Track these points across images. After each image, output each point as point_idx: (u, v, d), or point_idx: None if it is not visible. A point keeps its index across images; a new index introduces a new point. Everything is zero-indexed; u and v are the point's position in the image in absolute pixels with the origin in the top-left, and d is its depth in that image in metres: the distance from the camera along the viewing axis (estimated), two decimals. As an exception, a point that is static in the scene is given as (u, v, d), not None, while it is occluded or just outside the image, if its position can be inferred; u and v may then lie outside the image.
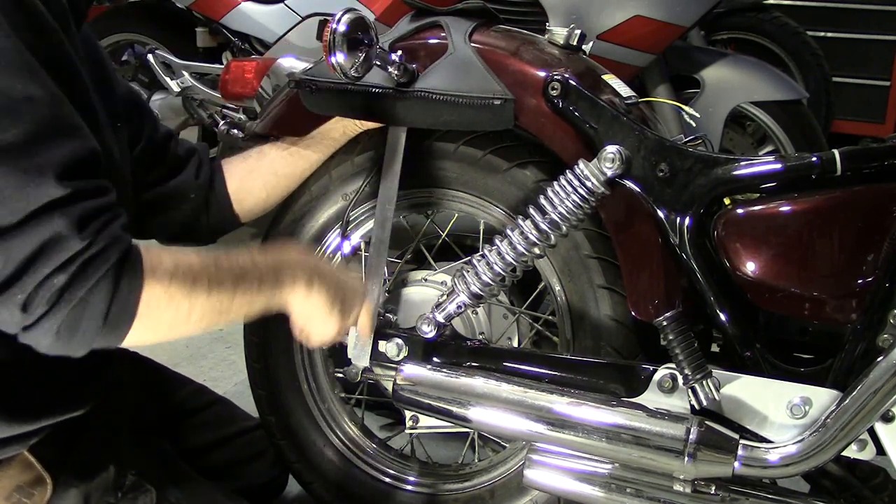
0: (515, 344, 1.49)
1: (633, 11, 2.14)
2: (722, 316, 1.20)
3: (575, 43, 1.34)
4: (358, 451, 1.56)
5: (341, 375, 1.55)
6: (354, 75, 1.22)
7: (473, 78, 1.28)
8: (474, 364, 1.35)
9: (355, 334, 1.39)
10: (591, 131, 1.24)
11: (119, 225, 0.98)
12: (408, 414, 1.42)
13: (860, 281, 1.13)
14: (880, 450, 1.12)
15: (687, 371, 1.18)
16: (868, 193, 1.14)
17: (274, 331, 1.54)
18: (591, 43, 1.58)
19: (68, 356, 0.98)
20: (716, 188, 1.19)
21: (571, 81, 1.25)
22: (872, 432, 1.11)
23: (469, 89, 1.28)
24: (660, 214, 1.21)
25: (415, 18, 1.41)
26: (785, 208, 1.16)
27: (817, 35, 3.60)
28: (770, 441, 1.16)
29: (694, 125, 1.71)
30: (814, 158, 1.15)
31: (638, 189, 1.22)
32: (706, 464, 1.13)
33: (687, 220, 1.20)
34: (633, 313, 1.26)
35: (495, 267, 1.28)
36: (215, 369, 2.31)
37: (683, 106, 1.58)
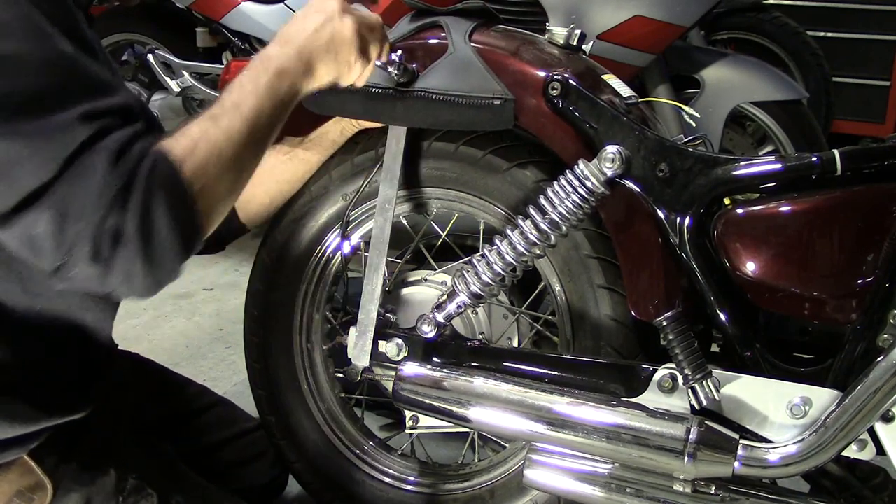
0: (515, 344, 1.49)
1: (633, 11, 2.14)
2: (722, 316, 1.20)
3: (575, 43, 1.34)
4: (358, 451, 1.57)
5: (341, 375, 1.55)
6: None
7: (473, 78, 1.29)
8: (474, 364, 1.35)
9: (355, 334, 1.39)
10: (591, 131, 1.24)
11: (142, 145, 0.96)
12: (408, 414, 1.42)
13: (860, 281, 1.13)
14: (880, 450, 1.12)
15: (687, 371, 1.18)
16: (868, 193, 1.14)
17: (274, 331, 1.55)
18: (591, 43, 1.58)
19: (154, 290, 0.96)
20: (716, 188, 1.19)
21: (571, 81, 1.25)
22: (872, 432, 1.11)
23: (469, 89, 1.28)
24: (660, 214, 1.21)
25: (415, 18, 1.41)
26: (785, 208, 1.16)
27: (817, 35, 3.60)
28: (770, 441, 1.16)
29: (694, 125, 1.71)
30: (814, 158, 1.15)
31: (638, 189, 1.22)
32: (706, 464, 1.13)
33: (687, 220, 1.20)
34: (633, 313, 1.26)
35: (495, 267, 1.28)
36: (215, 369, 2.31)
37: (683, 106, 1.58)
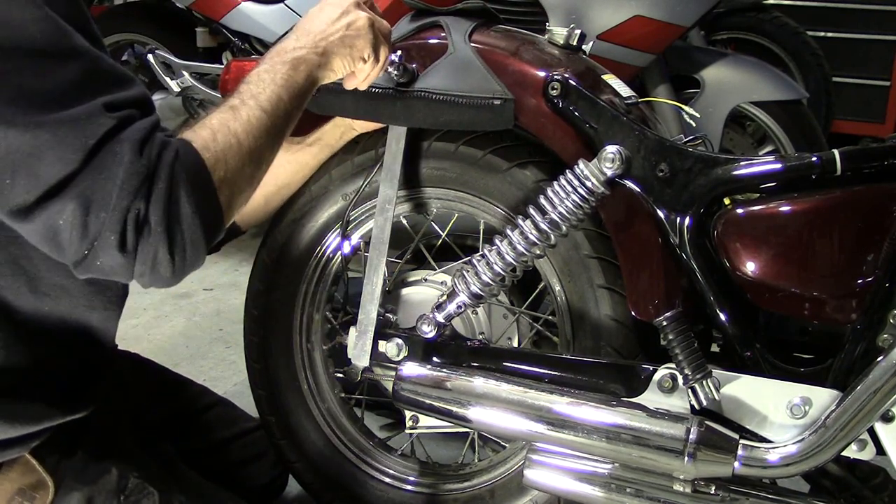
0: (515, 344, 1.49)
1: (633, 11, 2.14)
2: (722, 316, 1.20)
3: (575, 43, 1.34)
4: (358, 451, 1.57)
5: (341, 375, 1.55)
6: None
7: (473, 78, 1.29)
8: (474, 364, 1.35)
9: (355, 334, 1.39)
10: (591, 131, 1.24)
11: (163, 136, 0.98)
12: (408, 414, 1.42)
13: (860, 281, 1.13)
14: (880, 450, 1.12)
15: (687, 371, 1.18)
16: (868, 193, 1.14)
17: (274, 331, 1.55)
18: (591, 43, 1.58)
19: (179, 277, 0.98)
20: (716, 188, 1.19)
21: (571, 81, 1.25)
22: (872, 432, 1.11)
23: (469, 89, 1.28)
24: (660, 214, 1.21)
25: (415, 18, 1.41)
26: (785, 208, 1.16)
27: (817, 35, 3.60)
28: (770, 441, 1.16)
29: (694, 125, 1.71)
30: (814, 158, 1.15)
31: (638, 189, 1.22)
32: (706, 464, 1.13)
33: (687, 220, 1.20)
34: (633, 313, 1.26)
35: (495, 267, 1.28)
36: (215, 369, 2.31)
37: (683, 106, 1.58)
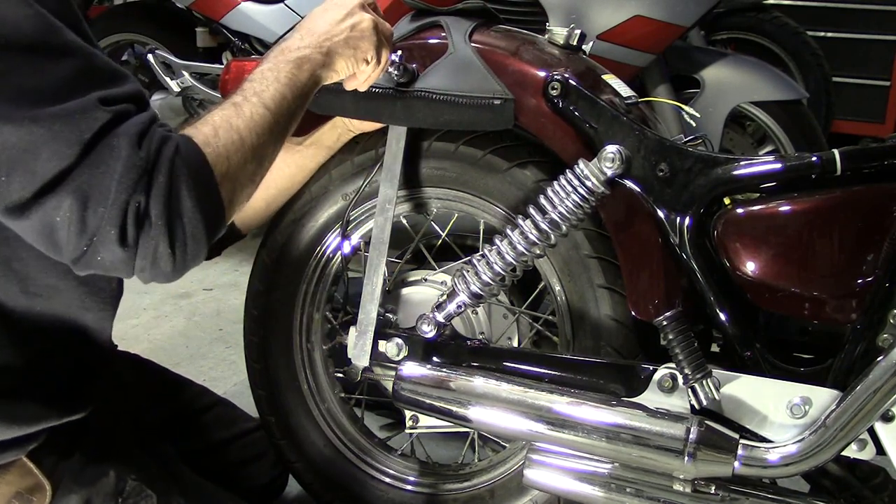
0: (515, 344, 1.49)
1: (633, 11, 2.14)
2: (722, 316, 1.20)
3: (575, 43, 1.34)
4: (358, 451, 1.57)
5: (341, 375, 1.55)
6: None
7: (473, 78, 1.29)
8: (474, 364, 1.35)
9: (355, 334, 1.39)
10: (591, 131, 1.24)
11: (162, 130, 0.98)
12: (408, 414, 1.42)
13: (860, 281, 1.13)
14: (880, 450, 1.12)
15: (687, 371, 1.18)
16: (868, 193, 1.14)
17: (274, 331, 1.55)
18: (591, 43, 1.58)
19: (180, 272, 0.98)
20: (716, 188, 1.19)
21: (571, 81, 1.25)
22: (872, 432, 1.11)
23: (469, 89, 1.28)
24: (660, 214, 1.21)
25: (415, 18, 1.41)
26: (785, 208, 1.16)
27: (817, 35, 3.60)
28: (770, 441, 1.16)
29: (694, 125, 1.71)
30: (814, 158, 1.15)
31: (638, 189, 1.22)
32: (706, 463, 1.13)
33: (687, 220, 1.20)
34: (633, 313, 1.26)
35: (495, 267, 1.28)
36: (215, 369, 2.31)
37: (683, 106, 1.57)
